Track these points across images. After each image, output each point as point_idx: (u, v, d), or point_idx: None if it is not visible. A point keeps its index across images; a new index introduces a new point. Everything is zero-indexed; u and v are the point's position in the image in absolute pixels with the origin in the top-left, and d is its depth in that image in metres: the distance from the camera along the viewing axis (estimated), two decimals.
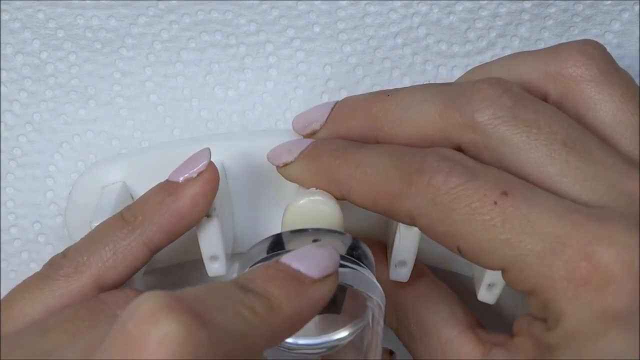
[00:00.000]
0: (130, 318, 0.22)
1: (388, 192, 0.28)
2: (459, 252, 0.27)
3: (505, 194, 0.26)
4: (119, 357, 0.22)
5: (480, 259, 0.27)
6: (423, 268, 0.33)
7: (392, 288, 0.33)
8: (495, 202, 0.26)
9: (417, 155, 0.28)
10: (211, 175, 0.31)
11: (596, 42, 0.31)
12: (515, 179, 0.27)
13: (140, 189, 0.35)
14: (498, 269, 0.27)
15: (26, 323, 0.28)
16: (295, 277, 0.26)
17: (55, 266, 0.30)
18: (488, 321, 0.33)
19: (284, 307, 0.25)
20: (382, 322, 0.29)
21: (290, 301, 0.25)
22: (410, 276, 0.32)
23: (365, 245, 0.30)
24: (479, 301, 0.33)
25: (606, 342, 0.25)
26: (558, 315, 0.26)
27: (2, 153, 0.38)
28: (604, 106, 0.30)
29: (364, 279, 0.29)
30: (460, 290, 0.35)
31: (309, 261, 0.26)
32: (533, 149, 0.28)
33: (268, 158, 0.32)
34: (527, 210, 0.26)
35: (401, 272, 0.32)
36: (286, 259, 0.26)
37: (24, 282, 0.30)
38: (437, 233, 0.28)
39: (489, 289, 0.33)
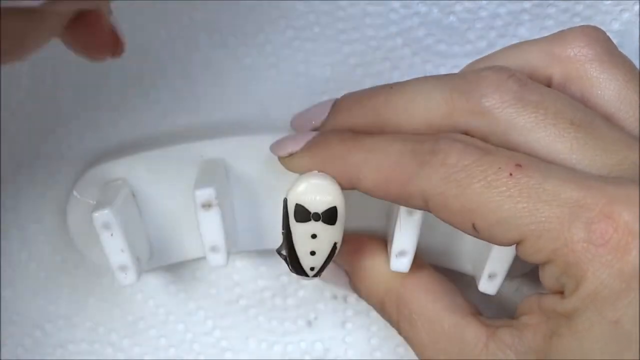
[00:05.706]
0: None
1: (401, 174, 0.28)
2: (474, 229, 0.27)
3: (519, 165, 0.27)
4: None
5: (497, 233, 0.27)
6: (422, 261, 0.33)
7: (392, 279, 0.33)
8: (511, 174, 0.26)
9: (429, 139, 0.28)
10: None
11: (596, 26, 0.31)
12: (527, 155, 0.28)
13: (142, 186, 0.35)
14: (514, 242, 0.27)
15: None
16: None
17: None
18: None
19: None
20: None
21: None
22: (410, 268, 0.32)
23: None
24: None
25: (626, 303, 0.25)
26: (578, 278, 0.25)
27: (1, 153, 0.37)
28: (608, 85, 0.30)
29: None
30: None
31: None
32: (541, 129, 0.28)
33: (271, 149, 0.32)
34: (542, 179, 0.26)
35: (402, 262, 0.32)
36: None
37: None
38: (451, 211, 0.28)
39: (489, 279, 0.33)
